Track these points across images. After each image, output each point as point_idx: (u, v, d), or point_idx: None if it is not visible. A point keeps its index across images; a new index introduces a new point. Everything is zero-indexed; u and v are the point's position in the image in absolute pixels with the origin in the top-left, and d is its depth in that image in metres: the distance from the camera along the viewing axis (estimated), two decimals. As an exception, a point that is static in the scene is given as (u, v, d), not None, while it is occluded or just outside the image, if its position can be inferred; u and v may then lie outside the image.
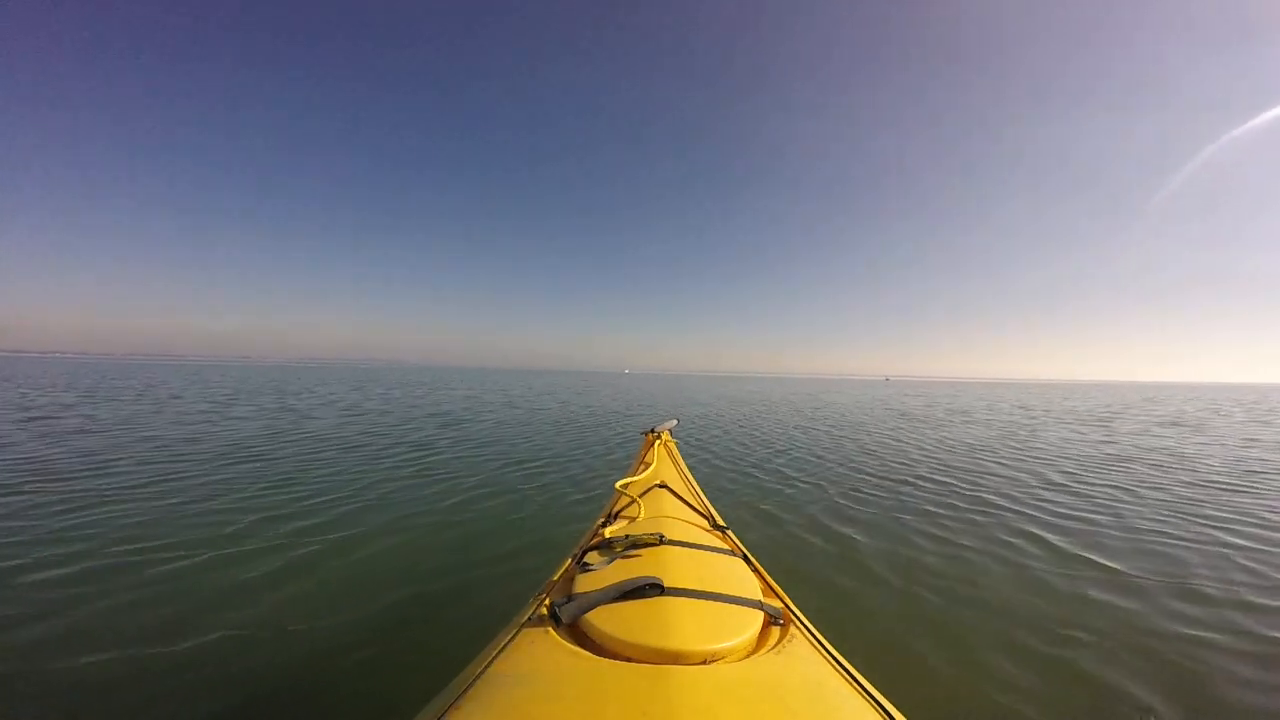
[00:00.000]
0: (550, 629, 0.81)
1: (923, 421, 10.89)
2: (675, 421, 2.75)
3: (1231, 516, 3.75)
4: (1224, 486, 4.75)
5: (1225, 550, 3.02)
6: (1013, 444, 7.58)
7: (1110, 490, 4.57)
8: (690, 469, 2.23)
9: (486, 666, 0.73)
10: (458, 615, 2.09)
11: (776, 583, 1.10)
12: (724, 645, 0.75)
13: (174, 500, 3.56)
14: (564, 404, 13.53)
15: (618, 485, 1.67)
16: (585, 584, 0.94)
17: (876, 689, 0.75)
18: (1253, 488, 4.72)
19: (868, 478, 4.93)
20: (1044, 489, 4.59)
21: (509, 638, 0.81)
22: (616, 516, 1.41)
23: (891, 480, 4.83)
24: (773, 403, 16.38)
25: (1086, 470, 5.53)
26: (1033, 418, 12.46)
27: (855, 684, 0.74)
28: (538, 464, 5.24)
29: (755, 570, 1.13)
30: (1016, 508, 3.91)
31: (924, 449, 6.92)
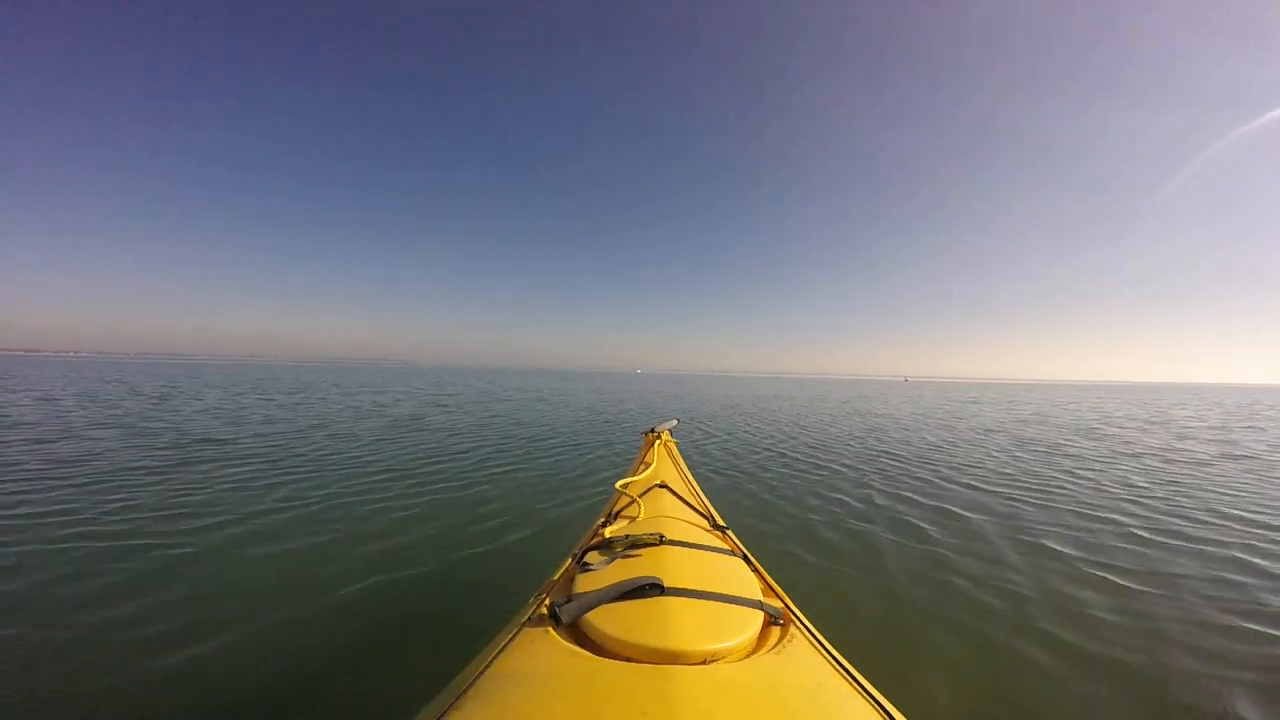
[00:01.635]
0: (550, 629, 0.81)
1: (1097, 461, 6.03)
2: (675, 421, 2.75)
3: None
4: None
5: None
6: None
7: None
8: (690, 469, 2.23)
9: (486, 666, 0.73)
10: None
11: (776, 583, 1.10)
12: (724, 645, 0.75)
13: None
14: (480, 426, 8.07)
15: (618, 485, 1.67)
16: (585, 584, 0.94)
17: (876, 689, 0.75)
18: None
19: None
20: None
21: (509, 638, 0.81)
22: (616, 516, 1.41)
23: None
24: (808, 419, 10.85)
25: None
26: (1219, 441, 8.01)
27: (855, 684, 0.74)
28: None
29: (755, 570, 1.13)
30: None
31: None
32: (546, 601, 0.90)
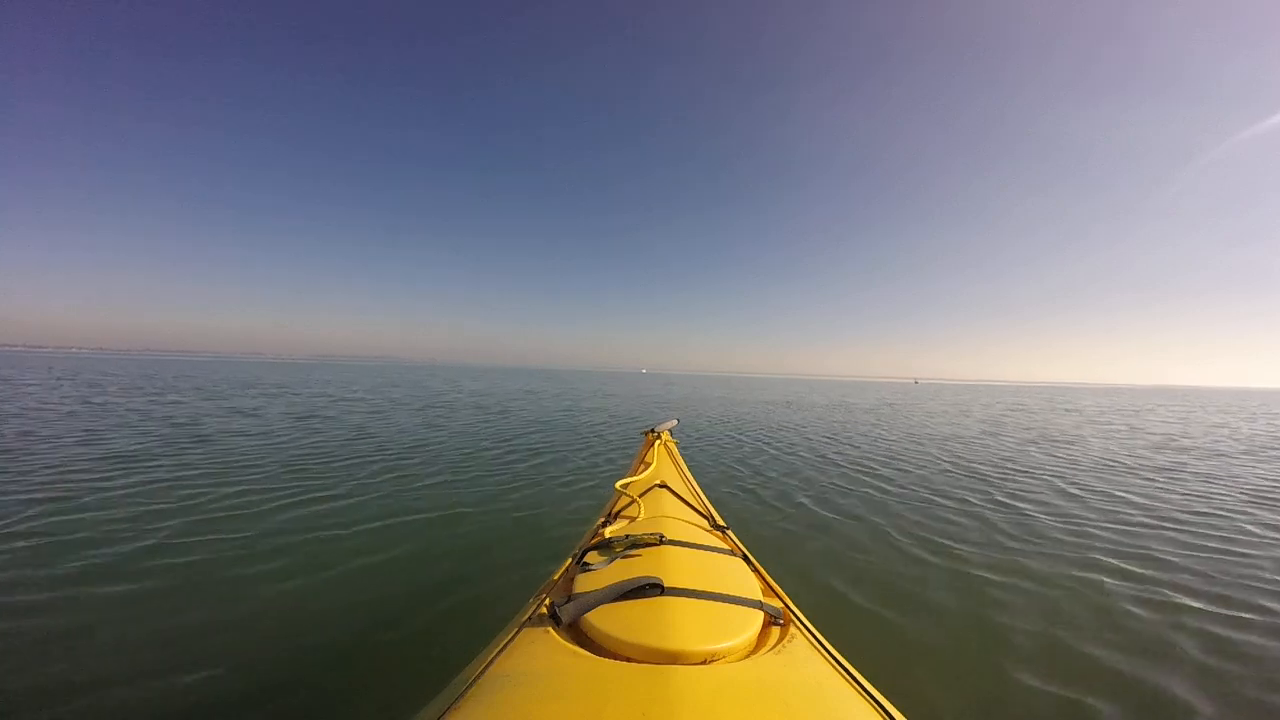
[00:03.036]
0: (550, 629, 0.81)
1: None
2: (675, 421, 2.75)
3: None
4: None
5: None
6: None
7: None
8: (690, 468, 2.23)
9: (486, 666, 0.73)
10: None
11: (776, 582, 1.10)
12: (724, 645, 0.75)
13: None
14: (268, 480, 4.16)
15: (618, 485, 1.67)
16: (585, 584, 0.94)
17: (876, 689, 0.75)
18: None
19: None
20: None
21: (509, 638, 0.81)
22: (616, 516, 1.41)
23: None
24: (857, 446, 7.16)
25: None
26: None
27: (855, 684, 0.74)
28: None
29: (755, 570, 1.13)
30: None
31: None
32: (546, 601, 0.90)
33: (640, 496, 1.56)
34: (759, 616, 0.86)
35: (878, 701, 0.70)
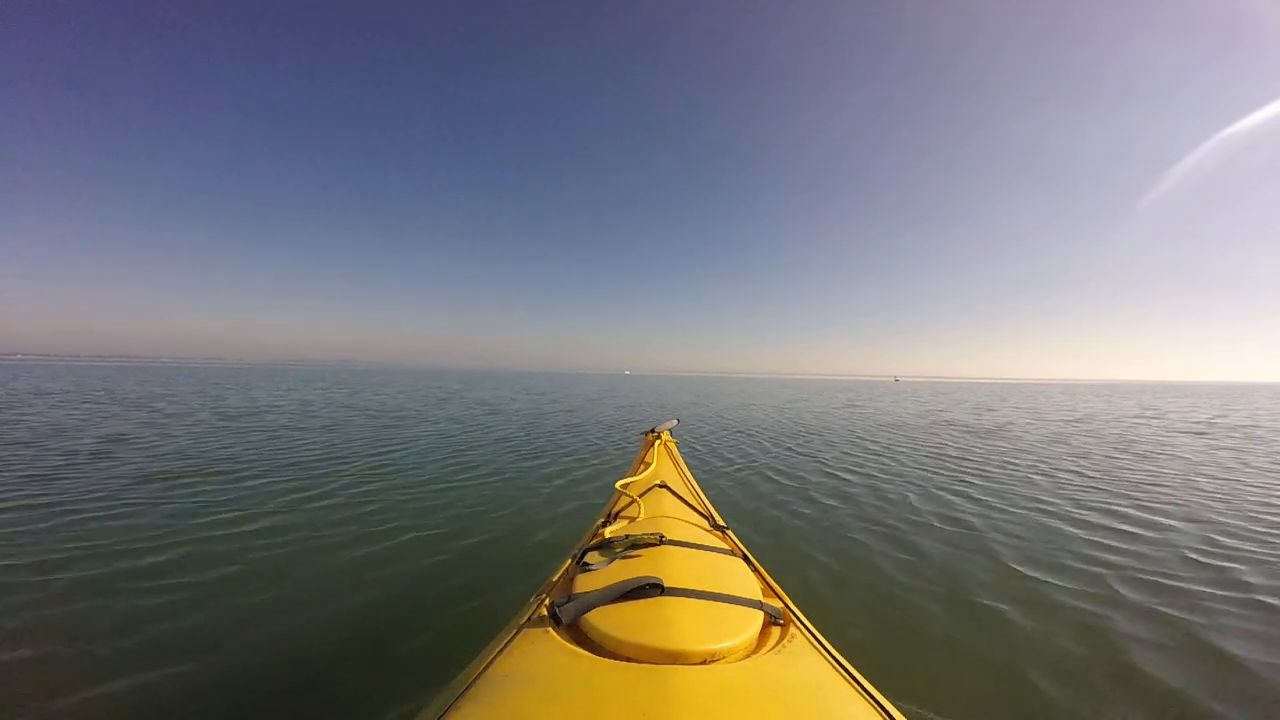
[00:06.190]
0: (550, 629, 0.81)
1: None
2: (675, 421, 2.75)
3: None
4: None
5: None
6: None
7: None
8: (690, 469, 2.23)
9: (486, 667, 0.73)
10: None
11: (776, 583, 1.10)
12: (724, 645, 0.75)
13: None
14: None
15: (618, 485, 1.67)
16: (585, 584, 0.94)
17: (876, 689, 0.75)
18: None
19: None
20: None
21: (509, 638, 0.81)
22: (616, 516, 1.41)
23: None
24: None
25: None
26: None
27: (855, 684, 0.74)
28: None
29: (755, 570, 1.13)
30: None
31: None
32: (546, 601, 0.90)
33: (640, 496, 1.56)
34: (759, 616, 0.86)
35: (878, 702, 0.70)
